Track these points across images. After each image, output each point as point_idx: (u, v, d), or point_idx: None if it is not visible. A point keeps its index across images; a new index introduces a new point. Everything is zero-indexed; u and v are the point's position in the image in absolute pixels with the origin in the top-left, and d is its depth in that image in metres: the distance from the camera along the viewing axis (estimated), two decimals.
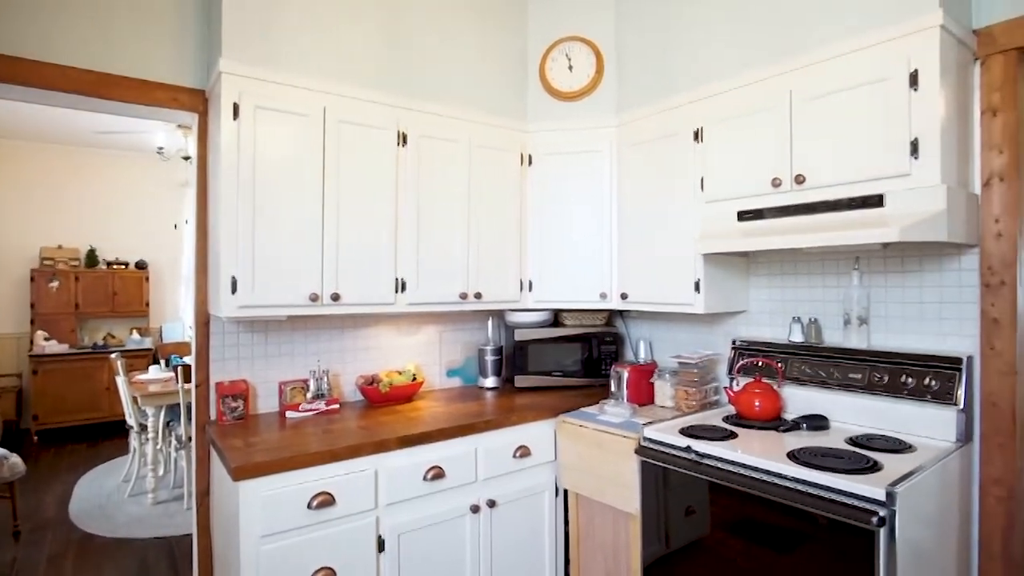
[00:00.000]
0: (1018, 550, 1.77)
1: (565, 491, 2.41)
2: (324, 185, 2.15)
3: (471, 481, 2.13)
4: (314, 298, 2.11)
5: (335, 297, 2.16)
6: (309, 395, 2.34)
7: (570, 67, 2.68)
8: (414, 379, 2.55)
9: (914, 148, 1.62)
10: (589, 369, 2.78)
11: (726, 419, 2.10)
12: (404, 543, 1.97)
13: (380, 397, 2.44)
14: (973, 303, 1.81)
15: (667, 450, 1.91)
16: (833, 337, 2.13)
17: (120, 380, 4.14)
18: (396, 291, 2.33)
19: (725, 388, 2.20)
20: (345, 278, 2.20)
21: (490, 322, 2.86)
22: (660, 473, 1.93)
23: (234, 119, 1.97)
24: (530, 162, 2.70)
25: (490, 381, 2.79)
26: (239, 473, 1.65)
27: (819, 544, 1.52)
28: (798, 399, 2.13)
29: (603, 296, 2.58)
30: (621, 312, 2.98)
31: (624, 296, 2.52)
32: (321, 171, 2.14)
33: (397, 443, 1.96)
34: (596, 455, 2.19)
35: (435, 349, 2.83)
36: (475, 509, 2.13)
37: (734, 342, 2.35)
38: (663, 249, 2.36)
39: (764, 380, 2.11)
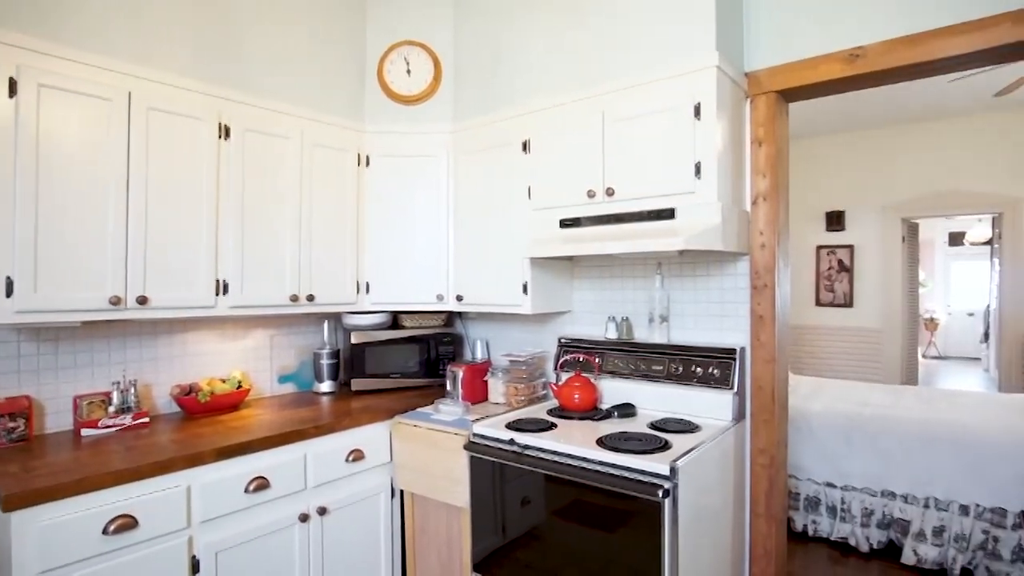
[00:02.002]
0: (777, 507, 2.13)
1: (401, 491, 2.42)
2: (130, 177, 1.95)
3: (300, 489, 2.06)
4: (116, 302, 1.91)
5: (142, 300, 1.96)
6: (112, 409, 2.10)
7: (408, 71, 2.70)
8: (240, 386, 2.40)
9: (697, 170, 1.89)
10: (428, 370, 2.82)
11: (550, 412, 2.26)
12: (224, 561, 1.85)
13: (200, 408, 2.26)
14: (745, 303, 2.14)
15: (493, 444, 2.01)
16: (641, 333, 2.40)
17: None
18: (217, 293, 2.18)
19: (550, 383, 2.37)
20: (155, 279, 2.01)
21: (326, 325, 2.78)
22: (495, 467, 2.02)
23: (10, 96, 1.71)
24: (367, 163, 2.68)
25: (326, 386, 2.71)
26: (9, 503, 1.44)
27: (631, 518, 1.70)
28: (613, 390, 2.36)
29: (440, 298, 2.64)
30: (460, 313, 3.07)
31: (460, 298, 2.60)
32: (126, 161, 1.94)
33: (214, 455, 1.84)
34: (430, 454, 2.23)
35: (265, 354, 2.69)
36: (304, 518, 2.07)
37: (560, 340, 2.55)
38: (495, 253, 2.48)
39: (583, 374, 2.31)
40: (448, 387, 2.54)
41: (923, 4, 1.83)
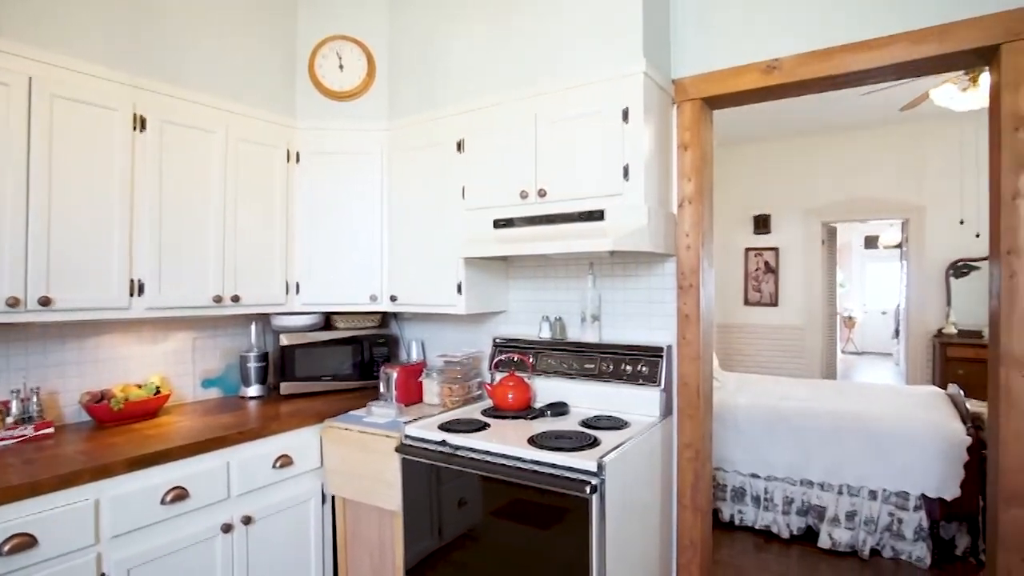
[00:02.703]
0: (702, 499, 2.21)
1: (333, 497, 2.36)
2: (29, 168, 1.81)
3: (222, 499, 1.98)
4: (14, 303, 1.77)
5: (44, 302, 1.83)
6: (10, 419, 1.95)
7: (341, 66, 2.64)
8: (158, 392, 2.27)
9: (626, 172, 1.93)
10: (361, 372, 2.76)
11: (484, 412, 2.26)
12: None
13: (112, 416, 2.13)
14: (672, 302, 2.21)
15: (426, 445, 2.00)
16: (574, 333, 2.44)
17: None
18: (132, 294, 2.06)
19: (484, 383, 2.37)
20: (60, 279, 1.88)
21: (253, 326, 2.68)
22: (428, 469, 2.00)
23: None
24: (298, 160, 2.60)
25: (253, 390, 2.61)
26: None
27: (562, 515, 1.72)
28: (547, 389, 2.39)
29: (373, 298, 2.59)
30: (395, 314, 3.02)
31: (394, 298, 2.56)
32: (26, 151, 1.80)
33: (126, 465, 1.73)
34: (361, 457, 2.19)
35: (187, 358, 2.56)
36: (227, 528, 1.98)
37: (495, 340, 2.55)
38: (430, 253, 2.45)
39: (517, 374, 2.32)
40: (382, 389, 2.49)
41: (832, 22, 1.94)
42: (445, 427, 2.04)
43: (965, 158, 5.31)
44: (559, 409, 2.22)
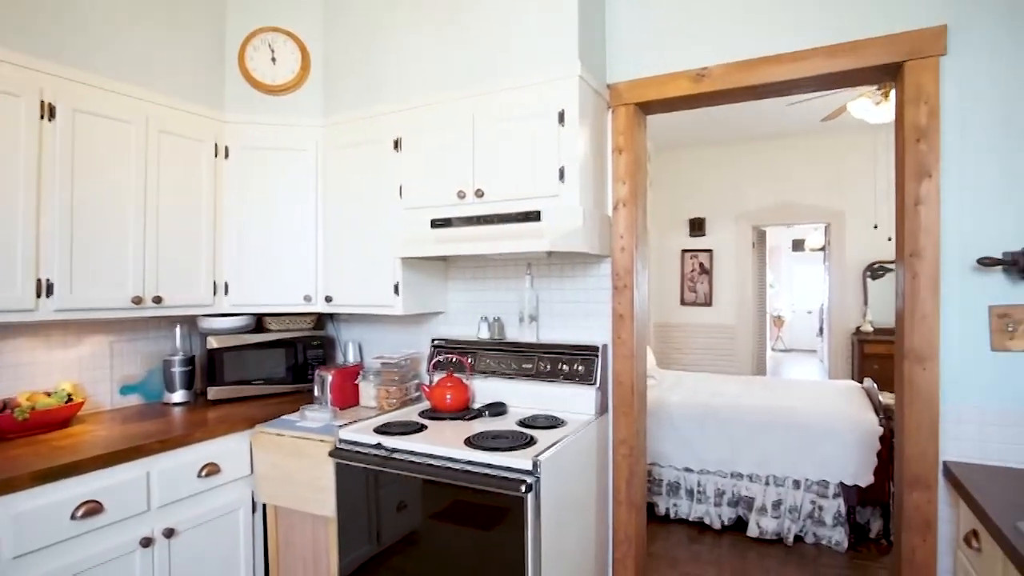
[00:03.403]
0: (637, 494, 2.27)
1: (264, 505, 2.28)
2: None
3: (141, 511, 1.87)
4: None
5: None
6: None
7: (273, 59, 2.55)
8: (70, 400, 2.13)
9: (561, 174, 1.96)
10: (295, 375, 2.68)
11: (422, 413, 2.24)
12: None
13: (17, 426, 1.97)
14: (607, 302, 2.26)
15: (361, 449, 1.96)
16: (513, 333, 2.45)
17: None
18: (39, 295, 1.91)
19: (422, 385, 2.35)
20: None
21: (178, 329, 2.55)
22: (364, 473, 1.95)
23: None
24: (227, 155, 2.49)
25: (178, 396, 2.49)
26: None
27: (499, 514, 1.72)
28: (485, 389, 2.39)
29: (307, 299, 2.52)
30: (332, 315, 2.95)
31: (329, 299, 2.50)
32: None
33: (30, 480, 1.61)
34: (294, 463, 2.12)
35: (104, 363, 2.41)
36: (147, 542, 1.87)
37: (433, 341, 2.53)
38: (366, 252, 2.41)
39: (456, 374, 2.31)
40: (316, 392, 2.43)
41: (756, 35, 2.04)
42: (381, 430, 2.01)
43: (879, 167, 5.68)
44: (497, 409, 2.22)
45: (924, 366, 1.78)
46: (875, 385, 3.84)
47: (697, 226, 6.51)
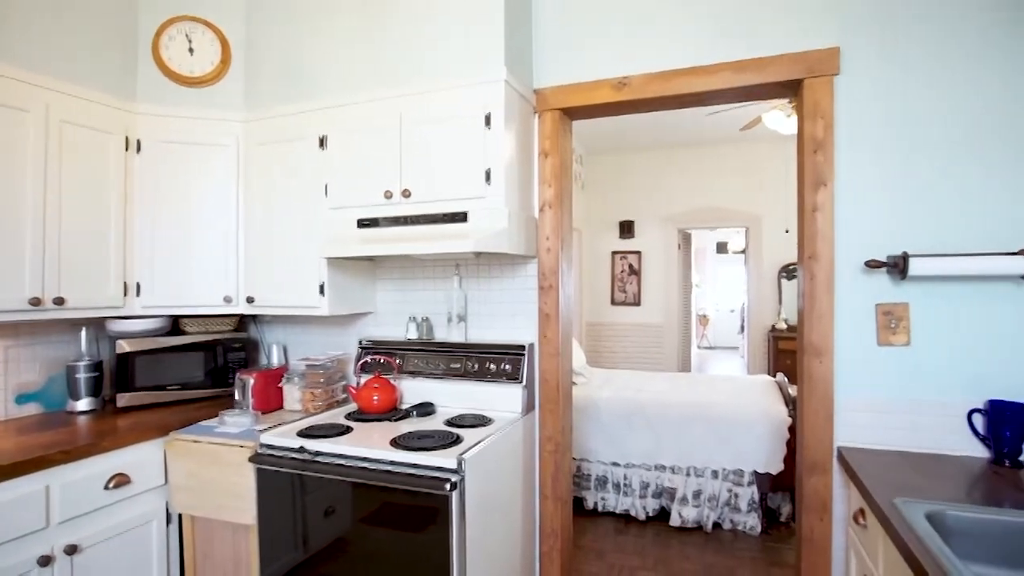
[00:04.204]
0: (563, 489, 2.33)
1: (180, 515, 2.18)
2: None
3: (39, 528, 1.75)
4: None
5: None
6: None
7: (191, 50, 2.45)
8: None
9: (488, 176, 1.99)
10: (215, 379, 2.58)
11: (348, 416, 2.21)
12: None
13: None
14: (534, 302, 2.31)
15: (283, 453, 1.91)
16: (441, 333, 2.46)
17: None
18: None
19: (348, 387, 2.32)
20: None
21: (84, 332, 2.40)
22: (288, 478, 1.91)
23: None
24: (139, 148, 2.37)
25: (84, 403, 2.34)
26: None
27: (426, 514, 1.72)
28: (414, 390, 2.39)
29: (228, 300, 2.43)
30: (255, 317, 2.85)
31: (251, 300, 2.42)
32: None
33: None
34: (212, 471, 2.04)
35: None
36: (46, 561, 1.76)
37: (361, 342, 2.50)
38: (291, 252, 2.35)
39: (383, 375, 2.30)
40: (237, 397, 2.35)
41: (673, 48, 2.14)
42: (305, 433, 1.97)
43: (790, 175, 6.06)
44: (425, 409, 2.23)
45: (821, 360, 1.93)
46: (786, 379, 4.11)
47: (627, 228, 6.72)
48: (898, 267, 1.81)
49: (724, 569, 2.95)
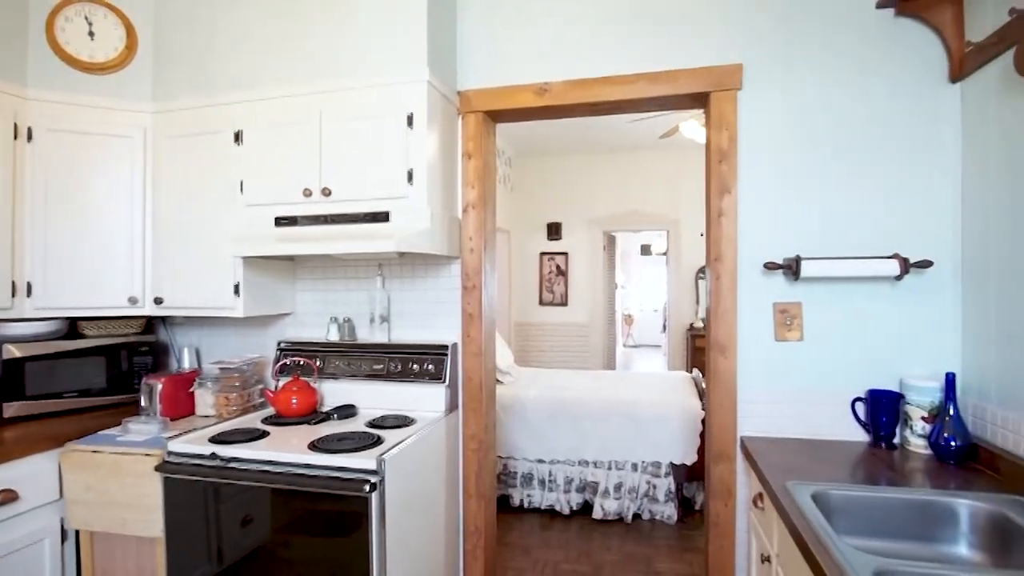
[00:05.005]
0: (486, 486, 2.36)
1: (77, 532, 2.04)
2: None
3: None
4: None
5: None
6: None
7: (91, 33, 2.29)
8: None
9: (410, 176, 1.99)
10: (118, 386, 2.43)
11: (265, 420, 2.14)
12: None
13: None
14: (457, 302, 2.33)
15: (193, 461, 1.83)
16: (363, 334, 2.43)
17: None
18: None
19: (266, 390, 2.25)
20: None
21: None
22: (200, 487, 1.82)
23: None
24: (30, 136, 2.19)
25: None
26: None
27: (347, 518, 1.69)
28: (335, 392, 2.35)
29: (133, 301, 2.29)
30: (164, 318, 2.71)
31: (159, 301, 2.30)
32: None
33: None
34: (114, 482, 1.93)
35: None
36: None
37: (279, 344, 2.43)
38: (203, 250, 2.25)
39: (302, 378, 2.25)
40: (143, 403, 2.22)
41: (592, 56, 2.22)
42: (218, 439, 1.90)
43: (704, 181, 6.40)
44: (347, 412, 2.19)
45: (725, 355, 2.07)
46: (701, 374, 4.33)
47: (554, 230, 6.86)
48: (792, 269, 1.97)
49: (642, 557, 3.08)
